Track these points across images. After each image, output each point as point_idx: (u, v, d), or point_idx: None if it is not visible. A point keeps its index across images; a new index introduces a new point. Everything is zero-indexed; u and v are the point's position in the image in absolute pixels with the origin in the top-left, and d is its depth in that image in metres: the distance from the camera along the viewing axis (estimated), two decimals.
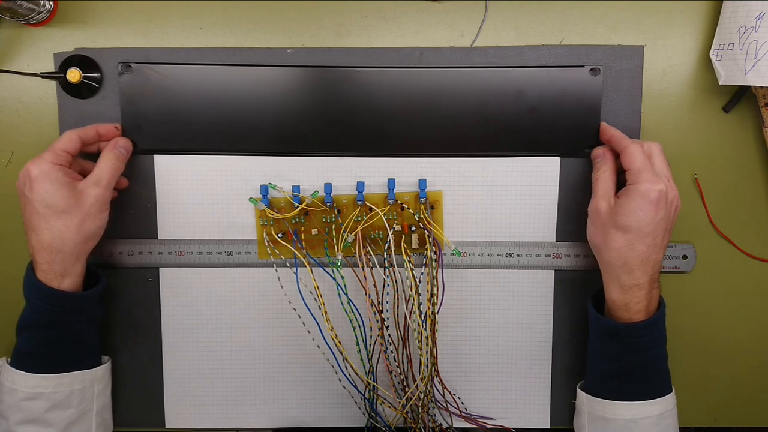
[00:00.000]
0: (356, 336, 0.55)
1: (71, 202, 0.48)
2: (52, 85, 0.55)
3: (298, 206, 0.54)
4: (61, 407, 0.50)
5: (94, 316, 0.53)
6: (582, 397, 0.53)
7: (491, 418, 0.59)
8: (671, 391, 0.51)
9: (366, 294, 0.54)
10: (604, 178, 0.50)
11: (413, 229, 0.55)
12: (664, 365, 0.51)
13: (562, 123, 0.54)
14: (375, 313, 0.54)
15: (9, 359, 0.51)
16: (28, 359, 0.50)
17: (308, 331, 0.57)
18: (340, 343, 0.55)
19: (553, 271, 0.57)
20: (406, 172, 0.55)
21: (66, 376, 0.51)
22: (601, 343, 0.51)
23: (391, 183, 0.55)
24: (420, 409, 0.56)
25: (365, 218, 0.55)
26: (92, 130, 0.52)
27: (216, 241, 0.56)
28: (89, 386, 0.52)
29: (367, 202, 0.55)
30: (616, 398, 0.50)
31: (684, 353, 0.58)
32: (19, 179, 0.49)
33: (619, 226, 0.48)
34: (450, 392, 0.58)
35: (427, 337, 0.54)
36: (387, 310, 0.55)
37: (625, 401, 0.50)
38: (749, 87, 0.53)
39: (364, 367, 0.56)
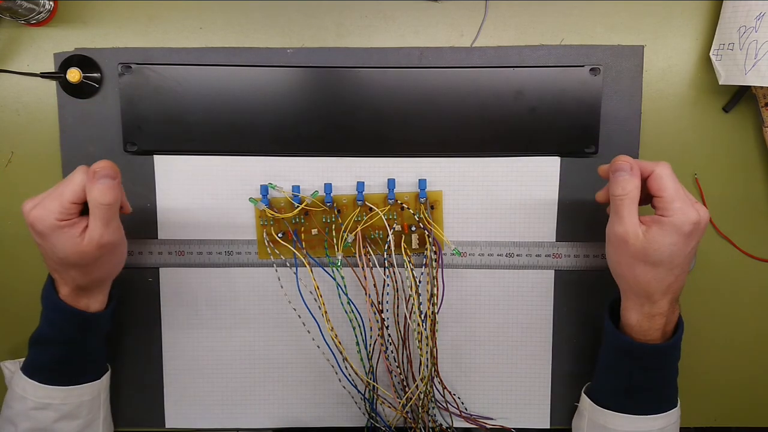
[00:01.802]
0: (356, 336, 0.55)
1: (86, 260, 0.46)
2: (52, 85, 0.55)
3: (298, 206, 0.54)
4: (69, 418, 0.50)
5: (106, 331, 0.52)
6: (585, 402, 0.53)
7: (491, 418, 0.59)
8: (676, 406, 0.51)
9: (366, 294, 0.54)
10: (630, 200, 0.45)
11: (413, 229, 0.55)
12: (673, 382, 0.51)
13: (562, 123, 0.54)
14: (375, 313, 0.54)
15: (21, 363, 0.51)
16: (40, 372, 0.50)
17: (308, 331, 0.57)
18: (340, 343, 0.55)
19: (553, 271, 0.57)
20: (406, 172, 0.55)
21: (76, 389, 0.50)
22: (613, 357, 0.50)
23: (391, 183, 0.54)
24: (420, 409, 0.56)
25: (365, 218, 0.55)
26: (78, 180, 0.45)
27: (216, 241, 0.56)
28: (97, 396, 0.52)
29: (367, 202, 0.55)
30: (621, 411, 0.50)
31: (684, 353, 0.57)
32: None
33: (650, 261, 0.45)
34: (450, 392, 0.58)
35: (427, 337, 0.54)
36: (387, 310, 0.55)
37: (629, 414, 0.50)
38: (749, 87, 0.53)
39: (364, 367, 0.56)
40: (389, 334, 0.55)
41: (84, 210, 0.46)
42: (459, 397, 0.59)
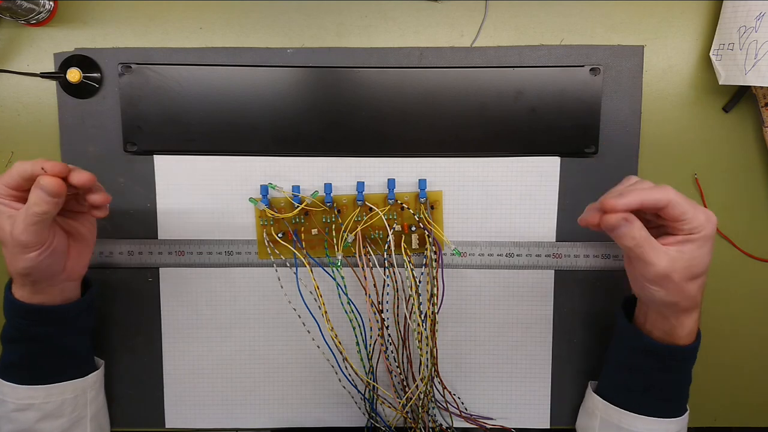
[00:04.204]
0: (356, 336, 0.55)
1: (2, 236, 0.45)
2: (52, 85, 0.55)
3: (298, 206, 0.54)
4: (52, 417, 0.50)
5: (82, 326, 0.51)
6: (597, 401, 0.53)
7: (491, 418, 0.59)
8: (687, 411, 0.51)
9: (366, 294, 0.54)
10: (647, 239, 0.43)
11: (413, 229, 0.55)
12: (688, 386, 0.51)
13: (562, 123, 0.54)
14: (375, 313, 0.54)
15: None
16: (16, 371, 0.49)
17: (308, 331, 0.57)
18: (340, 343, 0.55)
19: (553, 271, 0.57)
20: (406, 172, 0.55)
21: (56, 387, 0.50)
22: (632, 357, 0.50)
23: (391, 183, 0.55)
24: (420, 409, 0.56)
25: (365, 218, 0.55)
26: (28, 168, 0.44)
27: (216, 241, 0.56)
28: (81, 394, 0.51)
29: (367, 202, 0.55)
30: (634, 410, 0.50)
31: None
32: None
33: (695, 275, 0.44)
34: (450, 392, 0.58)
35: (427, 337, 0.54)
36: (387, 310, 0.55)
37: (641, 415, 0.50)
38: (749, 87, 0.53)
39: (364, 367, 0.56)
40: (389, 334, 0.55)
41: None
42: (459, 397, 0.59)
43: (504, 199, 0.56)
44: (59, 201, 0.43)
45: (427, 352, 0.54)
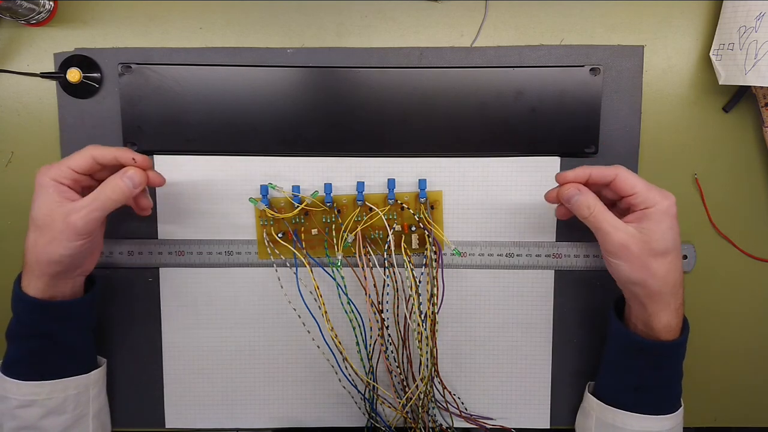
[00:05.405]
0: (356, 336, 0.55)
1: (47, 221, 0.46)
2: (52, 85, 0.55)
3: (298, 206, 0.54)
4: (55, 413, 0.50)
5: (85, 322, 0.52)
6: (592, 402, 0.53)
7: (491, 418, 0.59)
8: (681, 407, 0.51)
9: (366, 294, 0.54)
10: (600, 211, 0.46)
11: (413, 229, 0.55)
12: (680, 381, 0.51)
13: (562, 123, 0.54)
14: (375, 313, 0.54)
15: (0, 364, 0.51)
16: (19, 367, 0.49)
17: (308, 331, 0.57)
18: (340, 343, 0.55)
19: (553, 271, 0.57)
20: (406, 172, 0.55)
21: (59, 383, 0.50)
22: (623, 355, 0.50)
23: (391, 183, 0.55)
24: (420, 409, 0.56)
25: (365, 218, 0.55)
26: (110, 153, 0.47)
27: (216, 241, 0.56)
28: (84, 391, 0.52)
29: (367, 202, 0.55)
30: (629, 409, 0.50)
31: None
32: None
33: (658, 252, 0.45)
34: (450, 392, 0.58)
35: (427, 337, 0.54)
36: (387, 310, 0.55)
37: (637, 413, 0.50)
38: (749, 87, 0.53)
39: (364, 367, 0.56)
40: (389, 334, 0.55)
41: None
42: (459, 397, 0.59)
43: (504, 199, 0.56)
44: (135, 193, 0.47)
45: (427, 352, 0.54)
